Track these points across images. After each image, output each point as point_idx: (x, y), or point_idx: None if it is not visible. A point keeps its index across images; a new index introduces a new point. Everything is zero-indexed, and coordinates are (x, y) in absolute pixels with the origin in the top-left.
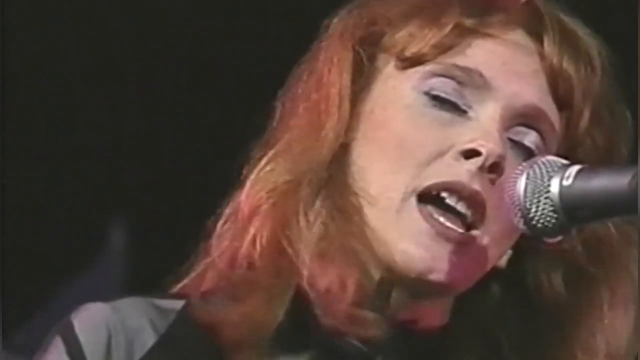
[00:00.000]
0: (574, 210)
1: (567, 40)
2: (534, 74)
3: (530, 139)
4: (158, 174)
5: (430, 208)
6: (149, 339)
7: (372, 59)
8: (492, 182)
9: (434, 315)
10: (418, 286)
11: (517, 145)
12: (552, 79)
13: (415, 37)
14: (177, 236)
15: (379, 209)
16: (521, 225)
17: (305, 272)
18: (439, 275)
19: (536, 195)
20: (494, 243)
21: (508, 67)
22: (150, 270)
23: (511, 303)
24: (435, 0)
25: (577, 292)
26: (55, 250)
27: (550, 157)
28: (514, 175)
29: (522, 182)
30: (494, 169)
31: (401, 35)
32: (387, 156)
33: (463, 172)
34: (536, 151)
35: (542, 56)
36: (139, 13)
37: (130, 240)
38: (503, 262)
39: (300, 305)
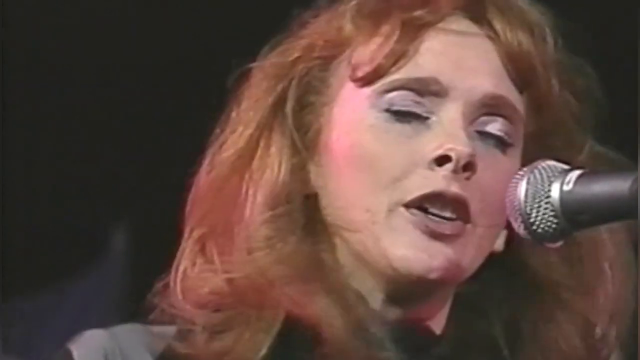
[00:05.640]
0: (574, 215)
1: (514, 17)
2: (488, 62)
3: (495, 126)
4: (159, 178)
5: (418, 212)
6: None
7: (319, 88)
8: (468, 179)
9: (434, 314)
10: (419, 287)
11: (485, 135)
12: (509, 60)
13: (366, 52)
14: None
15: (365, 227)
16: (521, 230)
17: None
18: (439, 272)
19: (537, 200)
20: (485, 232)
21: (461, 64)
22: (151, 273)
23: (513, 287)
24: (371, 11)
25: (572, 267)
26: (56, 254)
27: (551, 162)
28: (514, 180)
29: (522, 187)
30: (467, 168)
31: (351, 54)
32: (362, 179)
33: (439, 179)
34: (505, 137)
35: (493, 39)
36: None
37: (131, 244)
38: (499, 245)
39: (290, 336)
